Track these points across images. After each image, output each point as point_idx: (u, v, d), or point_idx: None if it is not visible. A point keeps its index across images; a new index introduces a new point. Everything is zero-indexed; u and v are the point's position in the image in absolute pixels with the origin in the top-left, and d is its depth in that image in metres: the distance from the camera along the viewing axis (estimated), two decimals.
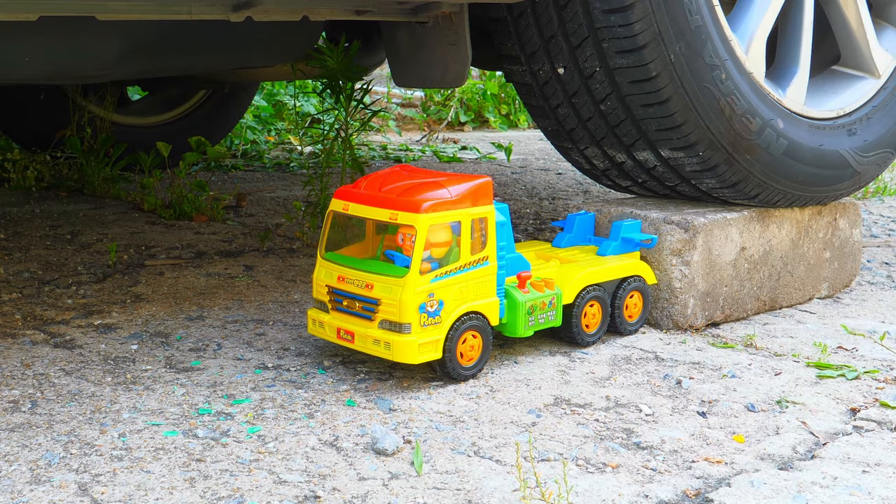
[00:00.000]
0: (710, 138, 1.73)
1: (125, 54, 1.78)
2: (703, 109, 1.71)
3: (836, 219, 1.99)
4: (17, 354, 1.56)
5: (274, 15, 1.57)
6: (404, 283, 1.40)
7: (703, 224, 1.75)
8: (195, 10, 1.49)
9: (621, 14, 1.63)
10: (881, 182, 3.33)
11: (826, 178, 1.90)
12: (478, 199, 1.46)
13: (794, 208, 1.91)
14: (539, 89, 1.84)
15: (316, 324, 1.52)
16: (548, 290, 1.56)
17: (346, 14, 1.66)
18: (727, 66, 1.72)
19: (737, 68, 1.75)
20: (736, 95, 1.73)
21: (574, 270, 1.63)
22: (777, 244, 1.88)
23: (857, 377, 1.56)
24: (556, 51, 1.75)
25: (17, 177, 2.91)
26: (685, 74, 1.68)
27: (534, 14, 1.74)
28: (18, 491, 1.12)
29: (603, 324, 1.66)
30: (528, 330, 1.54)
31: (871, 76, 2.00)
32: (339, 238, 1.53)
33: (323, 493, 1.14)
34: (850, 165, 1.93)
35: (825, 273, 1.99)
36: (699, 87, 1.69)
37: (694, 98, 1.70)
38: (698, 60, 1.68)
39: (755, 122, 1.77)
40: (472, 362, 1.48)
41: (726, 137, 1.74)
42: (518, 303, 1.52)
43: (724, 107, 1.72)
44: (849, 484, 1.20)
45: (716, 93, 1.71)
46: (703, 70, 1.69)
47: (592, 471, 1.22)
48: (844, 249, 2.02)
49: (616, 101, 1.74)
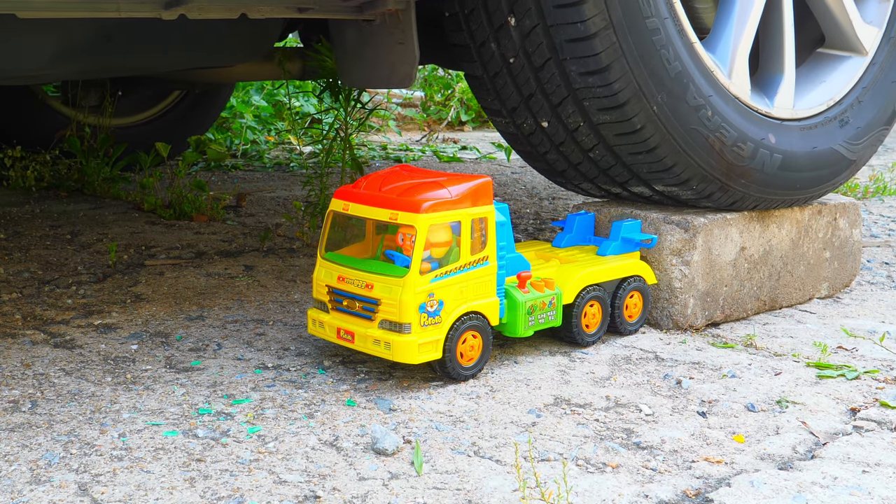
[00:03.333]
0: (703, 173, 1.73)
1: (61, 54, 1.72)
2: (693, 150, 1.69)
3: (836, 218, 1.98)
4: (17, 354, 1.56)
5: (209, 13, 1.53)
6: (404, 283, 1.40)
7: (702, 224, 1.75)
8: (123, 8, 1.45)
9: (599, 75, 1.61)
10: (881, 182, 3.33)
11: (823, 177, 1.89)
12: (478, 199, 1.46)
13: (794, 208, 1.91)
14: (525, 139, 1.84)
15: (316, 324, 1.52)
16: (548, 289, 1.56)
17: (288, 12, 1.62)
18: (712, 102, 1.70)
19: (723, 99, 1.73)
20: (724, 128, 1.72)
21: (574, 270, 1.63)
22: (777, 244, 1.88)
23: (857, 377, 1.56)
24: (538, 107, 1.74)
25: (17, 175, 2.91)
26: (671, 122, 1.66)
27: (510, 74, 1.72)
28: (18, 491, 1.12)
29: (603, 324, 1.66)
30: (529, 330, 1.54)
31: (857, 54, 1.97)
32: (339, 238, 1.53)
33: (323, 493, 1.14)
34: (845, 158, 1.92)
35: (825, 273, 1.99)
36: (686, 130, 1.68)
37: (682, 141, 1.68)
38: (682, 105, 1.67)
39: (747, 147, 1.75)
40: (472, 362, 1.48)
41: (719, 169, 1.73)
42: (518, 303, 1.52)
43: (714, 142, 1.71)
44: (849, 484, 1.20)
45: (704, 132, 1.70)
46: (688, 113, 1.68)
47: (592, 471, 1.22)
48: (844, 249, 2.02)
49: (604, 150, 1.73)
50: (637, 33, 1.60)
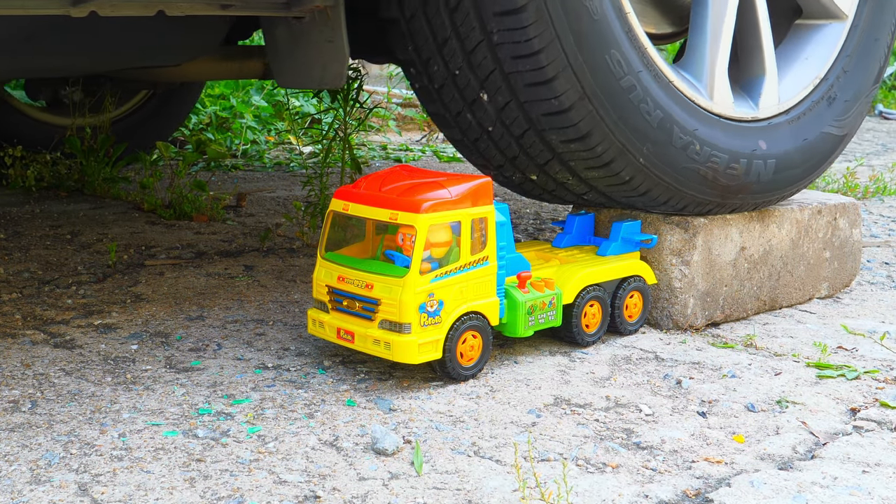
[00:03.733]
0: (700, 199, 1.73)
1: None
2: (687, 185, 1.69)
3: (836, 218, 1.98)
4: (17, 354, 1.56)
5: (122, 10, 1.46)
6: (404, 284, 1.40)
7: (702, 223, 1.75)
8: (29, 5, 1.39)
9: (581, 141, 1.59)
10: (881, 182, 3.32)
11: (816, 163, 1.89)
12: (478, 199, 1.46)
13: (793, 208, 1.91)
14: (518, 187, 1.83)
15: (316, 324, 1.52)
16: (548, 290, 1.56)
17: (209, 8, 1.56)
18: (698, 135, 1.68)
19: (708, 125, 1.71)
20: (715, 155, 1.71)
21: (574, 270, 1.63)
22: (777, 244, 1.88)
23: (857, 377, 1.56)
24: (524, 165, 1.72)
25: (17, 174, 2.91)
26: (660, 167, 1.65)
27: (492, 140, 1.70)
28: (18, 491, 1.12)
29: (603, 324, 1.66)
30: (529, 330, 1.54)
31: (836, 20, 1.91)
32: (339, 238, 1.53)
33: (323, 493, 1.14)
34: (835, 136, 1.91)
35: (825, 273, 1.99)
36: (678, 171, 1.67)
37: (676, 182, 1.68)
38: (669, 149, 1.65)
39: (740, 165, 1.74)
40: (472, 362, 1.48)
41: (715, 192, 1.73)
42: (518, 303, 1.52)
43: (707, 172, 1.70)
44: (849, 484, 1.20)
45: (695, 166, 1.68)
46: (676, 155, 1.66)
47: (592, 471, 1.22)
48: (844, 249, 2.02)
49: (597, 194, 1.73)
50: (613, 96, 1.57)
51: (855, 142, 4.77)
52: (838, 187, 3.15)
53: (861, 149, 4.52)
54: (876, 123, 5.71)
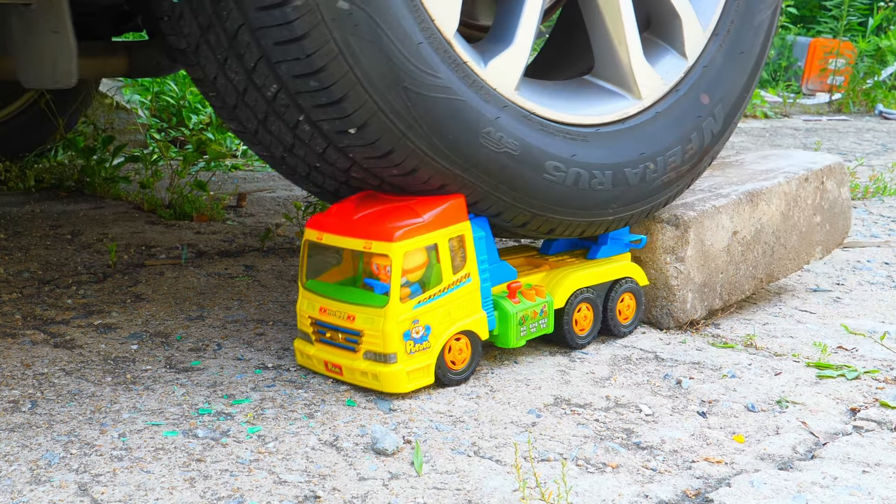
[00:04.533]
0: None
1: None
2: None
3: (822, 182, 1.98)
4: (17, 354, 1.56)
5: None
6: (386, 314, 1.38)
7: (693, 218, 1.74)
8: None
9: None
10: (881, 182, 3.32)
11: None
12: (452, 219, 1.43)
13: (780, 182, 1.91)
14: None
15: (304, 356, 1.50)
16: (538, 298, 1.55)
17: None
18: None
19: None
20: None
21: (564, 275, 1.61)
22: (768, 220, 1.88)
23: (857, 377, 1.56)
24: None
25: (14, 177, 2.91)
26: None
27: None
28: (18, 491, 1.12)
29: (594, 326, 1.65)
30: (521, 340, 1.53)
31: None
32: (318, 265, 1.51)
33: (323, 493, 1.14)
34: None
35: (817, 237, 2.00)
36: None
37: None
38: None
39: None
40: (463, 366, 1.48)
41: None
42: (509, 314, 1.50)
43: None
44: (849, 484, 1.20)
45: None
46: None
47: (592, 471, 1.22)
48: (835, 210, 2.02)
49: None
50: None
51: (855, 142, 4.77)
52: None
53: (861, 149, 4.52)
54: (876, 123, 5.71)
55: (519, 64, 1.52)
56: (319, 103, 1.35)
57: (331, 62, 1.31)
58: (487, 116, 1.45)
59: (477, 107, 1.44)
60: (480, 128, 1.44)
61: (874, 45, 6.51)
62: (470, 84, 1.43)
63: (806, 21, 7.78)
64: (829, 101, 6.47)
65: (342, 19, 1.29)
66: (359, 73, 1.32)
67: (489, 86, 1.47)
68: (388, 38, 1.33)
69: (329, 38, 1.30)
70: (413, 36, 1.35)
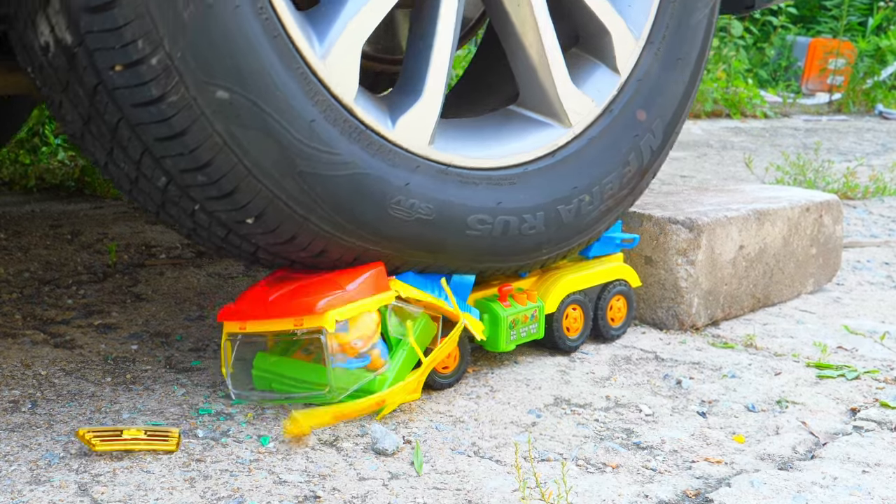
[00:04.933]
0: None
1: None
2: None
3: (821, 215, 2.01)
4: (17, 354, 1.56)
5: None
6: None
7: (706, 223, 1.75)
8: None
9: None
10: (881, 182, 3.33)
11: None
12: (378, 288, 1.36)
13: (785, 207, 1.92)
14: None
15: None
16: (530, 302, 1.53)
17: None
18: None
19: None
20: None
21: (555, 279, 1.59)
22: (771, 242, 1.89)
23: (857, 377, 1.56)
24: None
25: (17, 174, 2.91)
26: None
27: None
28: (18, 491, 1.12)
29: (585, 328, 1.63)
30: (511, 344, 1.50)
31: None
32: (246, 355, 1.42)
33: (323, 493, 1.14)
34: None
35: (811, 269, 2.01)
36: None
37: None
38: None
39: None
40: (450, 370, 1.46)
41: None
42: (500, 317, 1.49)
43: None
44: (849, 484, 1.20)
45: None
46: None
47: (592, 471, 1.22)
48: (828, 245, 2.05)
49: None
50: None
51: (855, 142, 4.78)
52: (838, 187, 3.15)
53: (861, 149, 4.52)
54: (876, 123, 5.71)
55: (432, 115, 1.41)
56: (211, 196, 1.26)
57: (217, 155, 1.22)
58: (396, 185, 1.35)
59: (384, 176, 1.34)
60: (388, 199, 1.35)
61: (874, 45, 6.51)
62: (375, 152, 1.33)
63: (806, 21, 7.78)
64: (828, 101, 6.47)
65: (223, 110, 1.20)
66: (248, 164, 1.23)
67: (399, 147, 1.37)
68: (275, 123, 1.23)
69: (211, 132, 1.20)
70: (304, 114, 1.26)
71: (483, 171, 1.46)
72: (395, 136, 1.36)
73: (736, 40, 6.23)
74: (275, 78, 1.23)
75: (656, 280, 1.77)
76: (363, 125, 1.33)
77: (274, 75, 1.23)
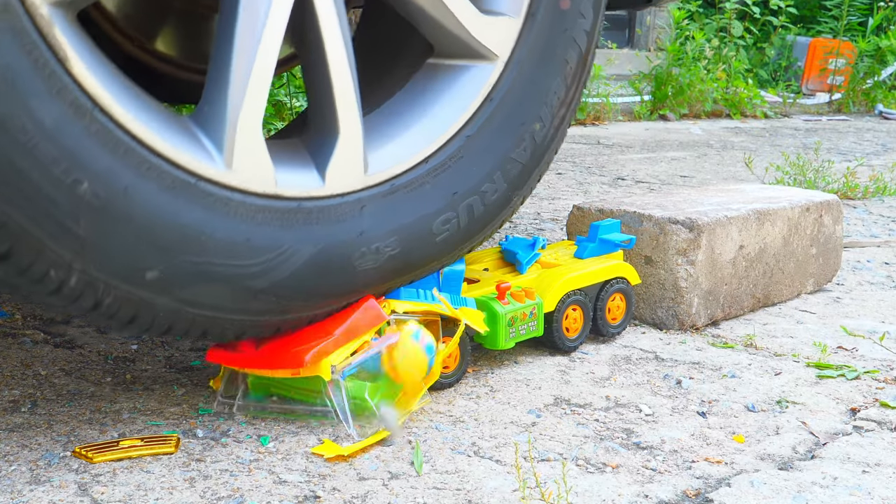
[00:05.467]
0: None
1: None
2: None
3: (821, 215, 2.01)
4: (17, 354, 1.56)
5: None
6: None
7: (706, 223, 1.75)
8: None
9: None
10: (881, 182, 3.33)
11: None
12: (371, 323, 1.33)
13: (785, 207, 1.92)
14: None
15: None
16: (528, 300, 1.53)
17: None
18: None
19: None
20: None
21: (554, 277, 1.59)
22: (771, 242, 1.89)
23: (857, 377, 1.56)
24: None
25: None
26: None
27: None
28: (18, 491, 1.12)
29: (584, 328, 1.63)
30: (510, 342, 1.50)
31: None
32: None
33: (323, 493, 1.14)
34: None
35: (811, 269, 2.01)
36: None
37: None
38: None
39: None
40: (450, 370, 1.46)
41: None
42: (498, 315, 1.48)
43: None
44: (849, 484, 1.20)
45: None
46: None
47: (592, 471, 1.22)
48: (828, 245, 2.05)
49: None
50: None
51: (855, 142, 4.78)
52: (838, 187, 3.15)
53: (861, 149, 4.52)
54: (876, 123, 5.71)
55: (356, 155, 1.29)
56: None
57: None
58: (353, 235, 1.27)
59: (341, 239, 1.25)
60: (353, 254, 1.27)
61: (874, 45, 6.51)
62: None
63: (806, 21, 7.78)
64: (829, 101, 6.47)
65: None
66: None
67: (334, 197, 1.26)
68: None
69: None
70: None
71: (421, 166, 1.34)
72: (327, 189, 1.25)
73: (736, 40, 6.23)
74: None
75: (656, 280, 1.77)
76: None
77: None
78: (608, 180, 3.42)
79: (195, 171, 1.13)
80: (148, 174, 1.09)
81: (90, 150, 1.04)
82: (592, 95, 5.22)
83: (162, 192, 1.10)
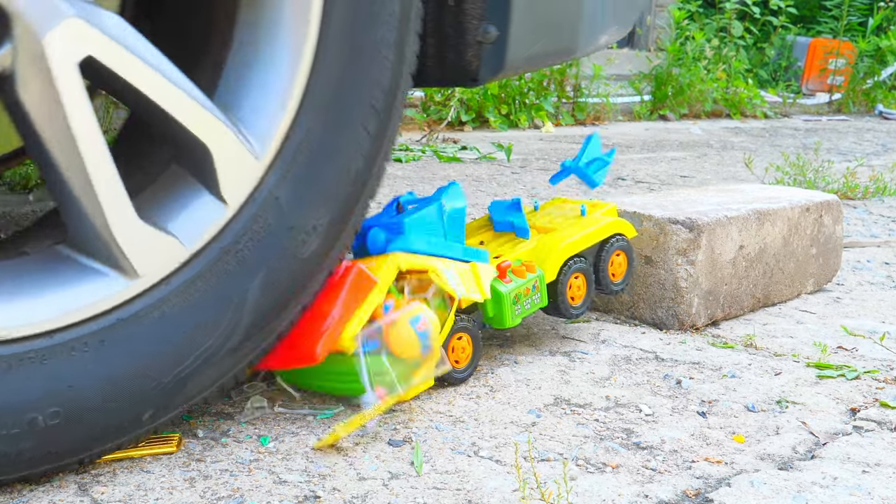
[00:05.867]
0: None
1: None
2: None
3: (821, 215, 2.01)
4: None
5: None
6: None
7: (706, 223, 1.75)
8: None
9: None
10: (881, 182, 3.33)
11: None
12: (362, 291, 1.34)
13: (785, 207, 1.92)
14: None
15: None
16: (529, 273, 1.52)
17: None
18: None
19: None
20: None
21: (553, 244, 1.58)
22: (771, 242, 1.89)
23: (857, 377, 1.56)
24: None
25: (16, 174, 2.91)
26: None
27: None
28: (18, 491, 1.12)
29: (588, 293, 1.62)
30: (516, 319, 1.51)
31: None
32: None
33: (323, 493, 1.14)
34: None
35: (811, 269, 2.02)
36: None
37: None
38: None
39: None
40: (462, 365, 1.47)
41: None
42: (502, 295, 1.48)
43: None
44: (849, 484, 1.20)
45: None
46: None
47: (592, 471, 1.22)
48: (828, 245, 2.05)
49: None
50: None
51: (855, 142, 4.78)
52: (838, 187, 3.15)
53: (861, 149, 4.52)
54: (876, 123, 5.72)
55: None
56: None
57: None
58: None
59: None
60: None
61: (874, 45, 6.51)
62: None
63: (806, 21, 7.79)
64: (828, 101, 6.47)
65: None
66: None
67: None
68: None
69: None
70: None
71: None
72: None
73: (736, 40, 6.23)
74: None
75: (656, 280, 1.77)
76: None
77: None
78: (608, 180, 3.42)
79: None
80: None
81: None
82: (592, 95, 5.22)
83: None
